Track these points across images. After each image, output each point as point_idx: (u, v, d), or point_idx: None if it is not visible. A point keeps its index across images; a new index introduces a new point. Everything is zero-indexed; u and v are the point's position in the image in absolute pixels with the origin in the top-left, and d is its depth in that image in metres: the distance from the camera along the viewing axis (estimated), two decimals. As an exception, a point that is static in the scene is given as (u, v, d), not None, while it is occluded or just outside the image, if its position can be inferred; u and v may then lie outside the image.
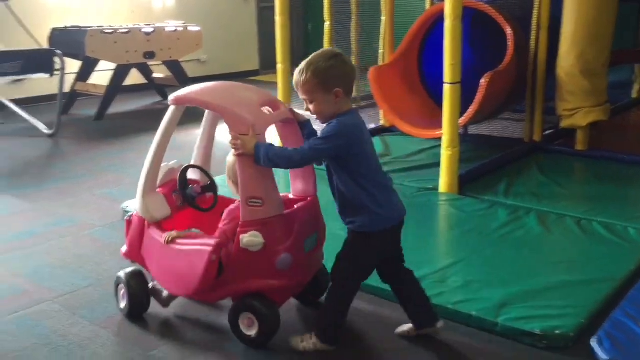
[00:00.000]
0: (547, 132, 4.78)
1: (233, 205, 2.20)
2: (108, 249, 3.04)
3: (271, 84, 8.58)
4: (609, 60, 4.37)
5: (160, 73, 7.25)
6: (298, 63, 2.06)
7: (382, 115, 5.31)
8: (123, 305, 2.40)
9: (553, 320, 2.23)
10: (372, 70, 4.80)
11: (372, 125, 5.41)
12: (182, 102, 2.23)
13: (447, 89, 3.55)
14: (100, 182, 4.25)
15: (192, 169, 2.47)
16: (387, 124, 5.22)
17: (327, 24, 6.45)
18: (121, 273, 2.40)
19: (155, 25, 6.88)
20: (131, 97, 7.23)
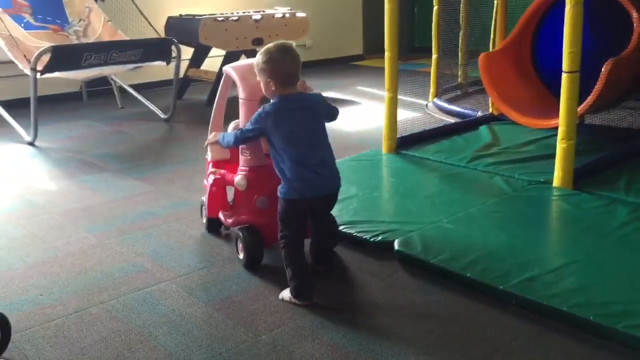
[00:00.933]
0: (674, 123, 4.46)
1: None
2: (220, 233, 3.18)
3: (376, 68, 8.55)
4: None
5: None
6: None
7: (490, 102, 5.15)
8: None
9: (679, 330, 2.08)
10: (482, 56, 4.65)
11: (479, 114, 5.27)
12: (225, 72, 2.93)
13: (565, 78, 3.38)
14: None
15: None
16: (496, 112, 5.06)
17: (435, 7, 6.29)
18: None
19: (264, 11, 7.03)
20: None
